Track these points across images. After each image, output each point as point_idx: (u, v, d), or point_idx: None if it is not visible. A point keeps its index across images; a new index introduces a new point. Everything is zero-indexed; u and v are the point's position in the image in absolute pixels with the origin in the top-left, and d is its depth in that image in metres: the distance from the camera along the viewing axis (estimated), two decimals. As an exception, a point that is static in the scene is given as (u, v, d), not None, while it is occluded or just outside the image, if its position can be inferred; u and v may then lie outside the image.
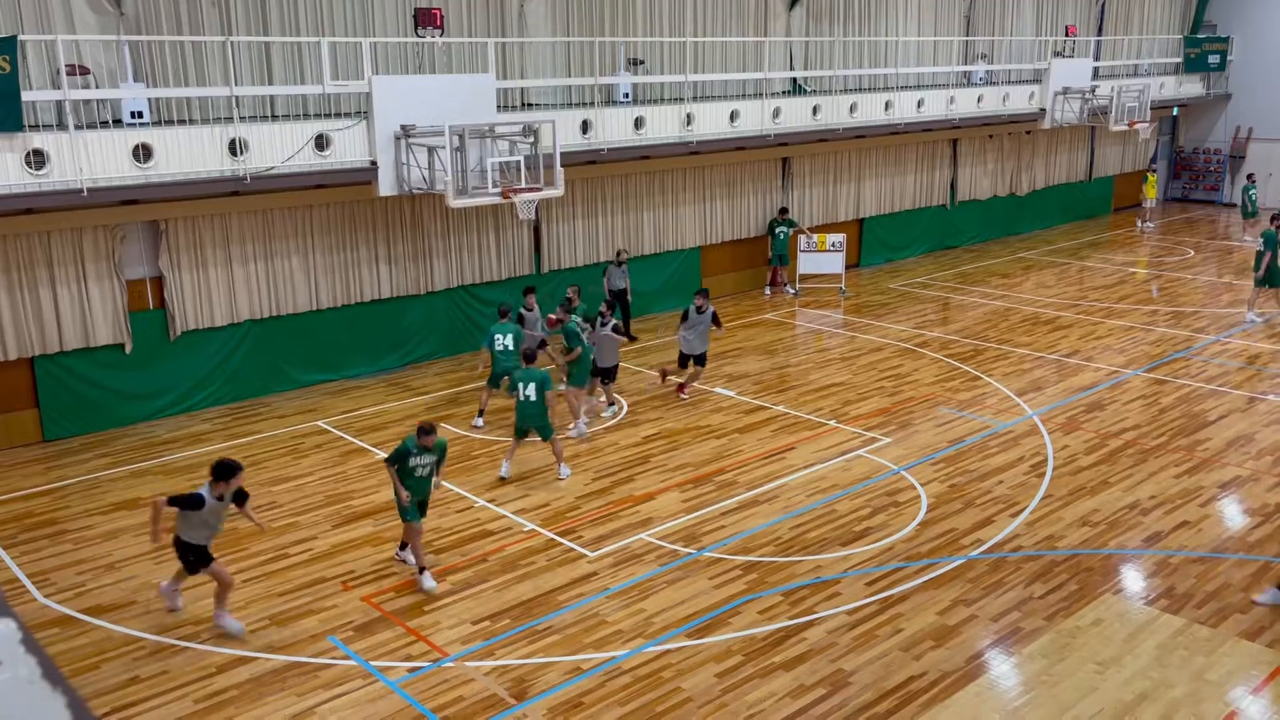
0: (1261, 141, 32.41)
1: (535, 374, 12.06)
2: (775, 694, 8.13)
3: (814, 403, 15.04)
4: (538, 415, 12.08)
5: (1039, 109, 26.12)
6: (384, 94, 14.41)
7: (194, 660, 8.73)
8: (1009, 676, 8.35)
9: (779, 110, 20.14)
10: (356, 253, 16.35)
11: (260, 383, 15.75)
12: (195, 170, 13.22)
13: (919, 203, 25.87)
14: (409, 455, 9.66)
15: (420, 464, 9.75)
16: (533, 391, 11.97)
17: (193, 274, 14.80)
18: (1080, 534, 10.77)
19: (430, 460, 9.82)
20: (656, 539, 10.81)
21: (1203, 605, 9.32)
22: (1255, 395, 15.03)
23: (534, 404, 12.01)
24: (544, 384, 12.01)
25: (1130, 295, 21.56)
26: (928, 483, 12.12)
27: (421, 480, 9.87)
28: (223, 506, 9.02)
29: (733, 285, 22.23)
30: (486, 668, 8.55)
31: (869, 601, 9.49)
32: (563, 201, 18.29)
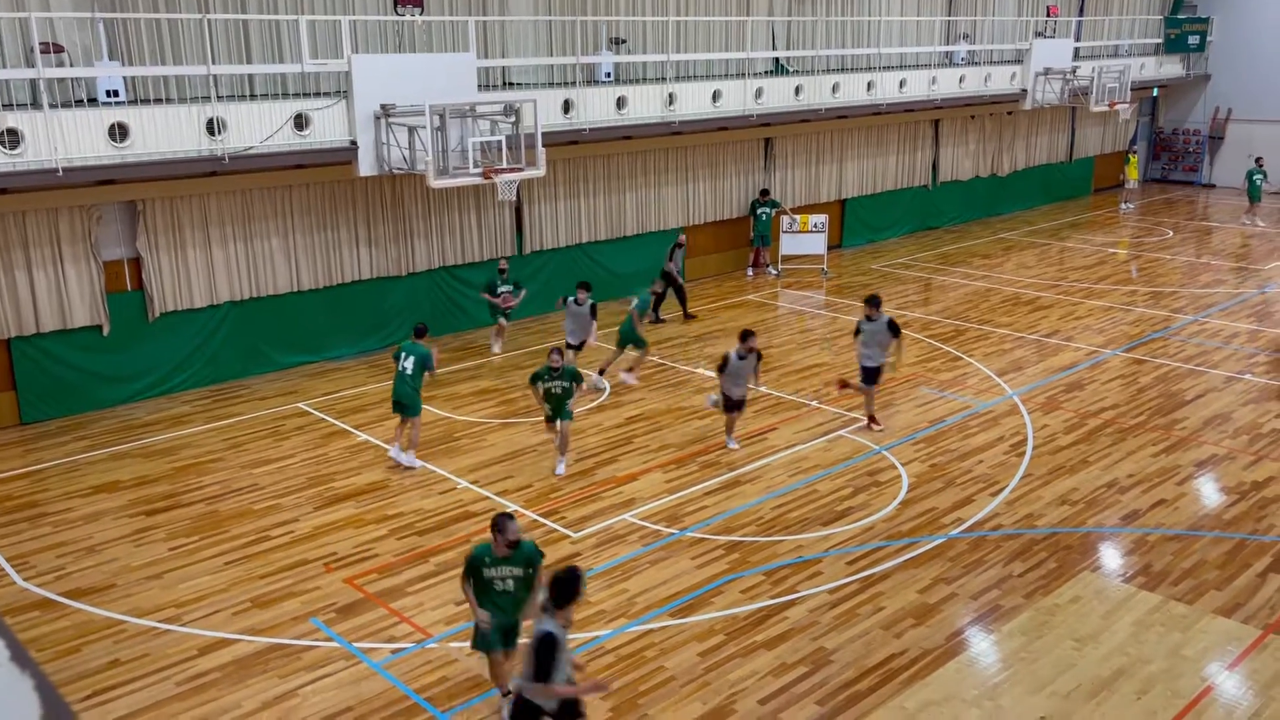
0: (1240, 122, 32.58)
1: (418, 349, 12.13)
2: (757, 672, 8.18)
3: (796, 384, 15.08)
4: (410, 392, 12.09)
5: (1020, 89, 26.15)
6: (364, 73, 14.28)
7: (175, 643, 8.71)
8: (988, 653, 8.44)
9: (761, 90, 20.09)
10: (337, 233, 16.24)
11: (240, 365, 15.65)
12: (172, 150, 13.08)
13: (901, 183, 25.90)
14: (481, 566, 7.35)
15: (499, 576, 7.34)
16: (410, 365, 12.05)
17: (171, 255, 14.66)
18: (1059, 512, 10.86)
19: (513, 572, 7.35)
20: (639, 520, 10.83)
21: (1179, 582, 9.44)
22: (1232, 375, 15.17)
23: (408, 379, 12.05)
24: (424, 361, 12.09)
25: (1110, 276, 21.69)
26: (909, 462, 12.19)
27: (506, 597, 7.35)
28: None
29: (715, 266, 22.22)
30: (470, 648, 8.56)
31: (850, 580, 9.56)
32: (544, 182, 18.20)
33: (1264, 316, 18.29)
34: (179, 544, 10.48)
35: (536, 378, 11.79)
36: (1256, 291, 20.07)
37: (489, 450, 12.78)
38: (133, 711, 7.83)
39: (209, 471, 12.30)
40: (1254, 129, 32.24)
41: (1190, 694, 7.83)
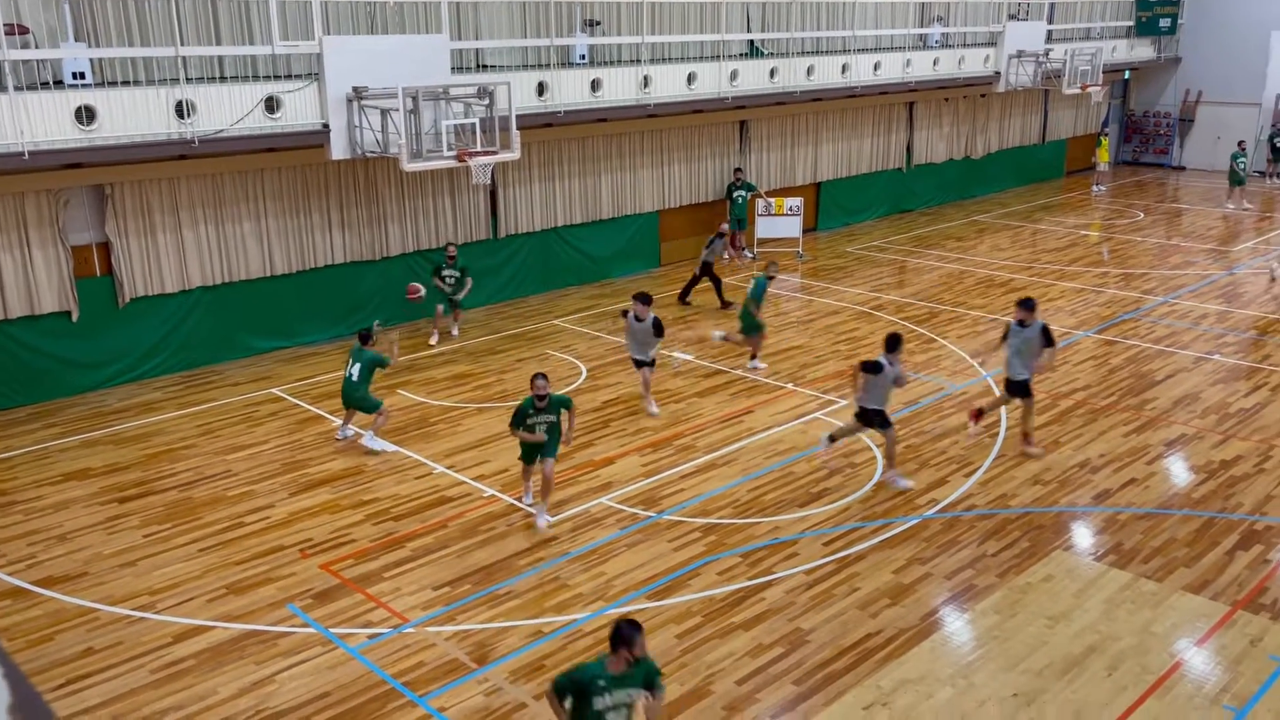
0: (1209, 105, 32.87)
1: (364, 355, 12.12)
2: (734, 653, 8.23)
3: (772, 366, 15.12)
4: (357, 397, 12.14)
5: (994, 72, 26.25)
6: (335, 55, 14.12)
7: (150, 630, 8.66)
8: (962, 632, 8.53)
9: (736, 73, 20.05)
10: (310, 218, 16.09)
11: (213, 350, 15.51)
12: (141, 133, 12.90)
13: (875, 166, 25.96)
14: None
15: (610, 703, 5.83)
16: (355, 371, 12.06)
17: (141, 240, 14.48)
18: (1032, 492, 10.98)
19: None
20: (616, 503, 10.85)
21: (1149, 560, 9.57)
22: (1201, 355, 15.35)
23: (354, 384, 12.07)
24: (371, 366, 12.03)
25: (1082, 258, 21.86)
26: (883, 444, 12.25)
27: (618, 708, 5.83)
28: None
29: (691, 250, 22.19)
30: (447, 633, 8.57)
31: (826, 561, 9.62)
32: (519, 165, 18.11)
33: (1232, 298, 18.51)
34: (152, 531, 10.40)
35: (520, 417, 9.93)
36: (1225, 273, 20.31)
37: (465, 435, 12.75)
38: (107, 700, 7.78)
39: (182, 458, 12.20)
40: (1223, 111, 32.55)
41: (1160, 670, 7.95)
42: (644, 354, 13.20)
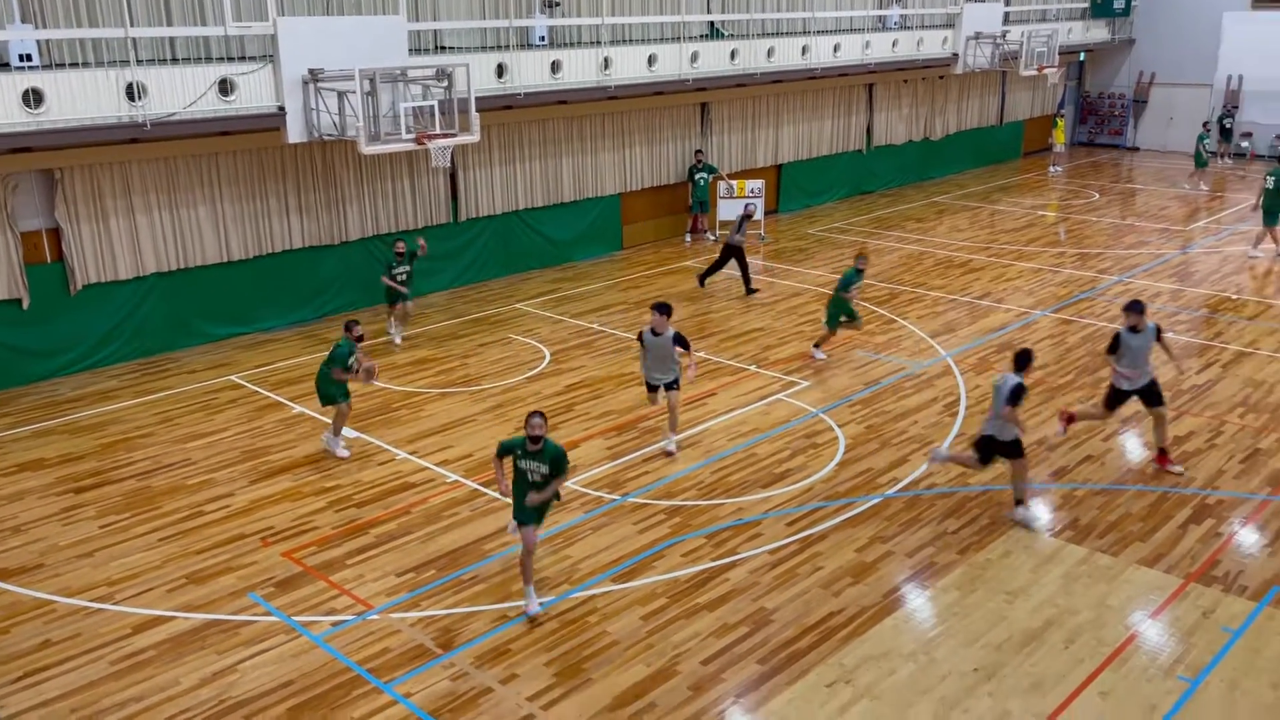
0: (1162, 86, 33.33)
1: (335, 349, 11.39)
2: (700, 634, 8.29)
3: (735, 348, 15.18)
4: (318, 382, 11.64)
5: (952, 54, 26.42)
6: (290, 36, 13.90)
7: (108, 622, 8.54)
8: (924, 609, 8.64)
9: (697, 54, 20.01)
10: (266, 202, 15.87)
11: (169, 337, 15.27)
12: (90, 116, 12.63)
13: (836, 148, 26.07)
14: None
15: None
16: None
17: (92, 225, 14.20)
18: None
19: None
20: (581, 486, 10.85)
21: (1104, 535, 9.74)
22: (1155, 333, 15.60)
23: (322, 373, 11.55)
24: (332, 360, 11.38)
25: (1039, 238, 22.12)
26: (845, 424, 12.37)
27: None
28: None
29: (653, 232, 22.20)
30: (412, 619, 8.55)
31: (789, 541, 9.70)
32: (479, 148, 17.96)
33: (1185, 277, 18.82)
34: (109, 521, 10.25)
35: (508, 449, 8.50)
36: (1178, 252, 20.65)
37: (427, 420, 12.67)
38: (66, 692, 7.68)
39: (139, 447, 12.02)
40: (1174, 93, 33.02)
41: (1115, 642, 8.12)
42: (665, 373, 11.49)
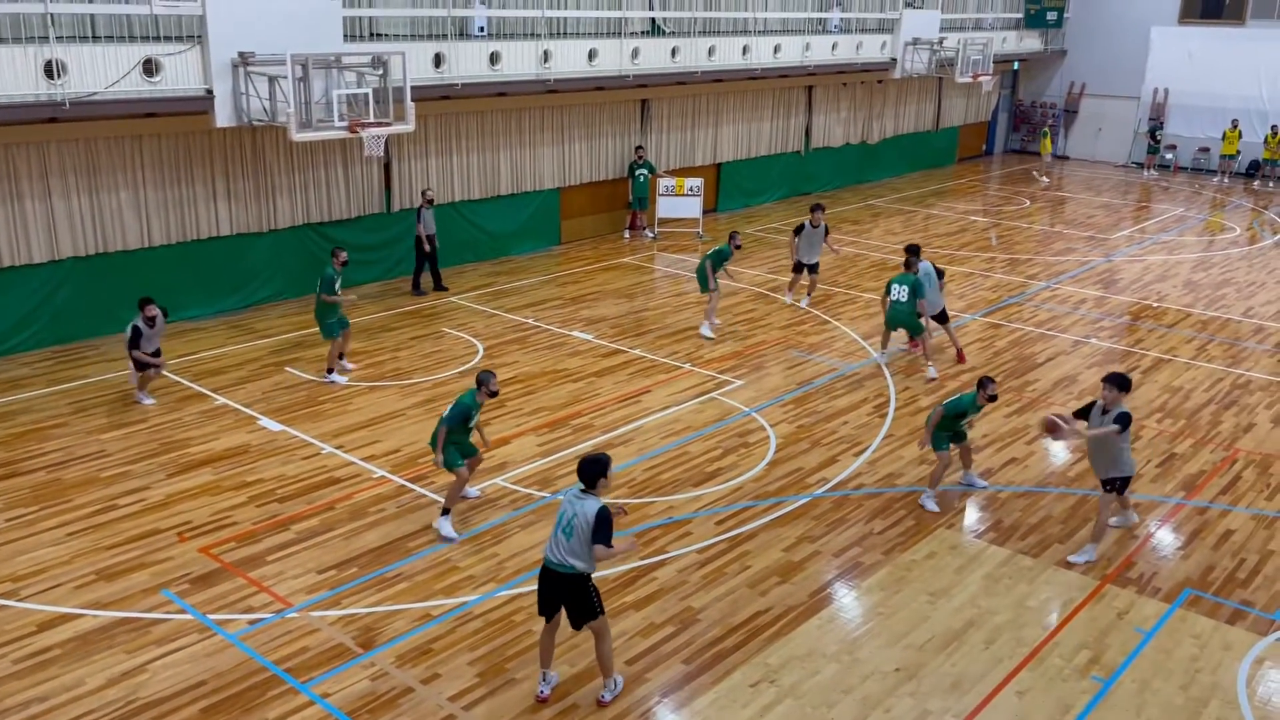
0: (1092, 97, 34.13)
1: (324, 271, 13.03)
2: (626, 633, 8.24)
3: (670, 346, 15.16)
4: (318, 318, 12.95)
5: (890, 59, 26.74)
6: (219, 17, 13.53)
7: (12, 619, 8.22)
8: (849, 609, 8.70)
9: (638, 50, 19.95)
10: (193, 188, 15.43)
11: (87, 324, 14.77)
12: (6, 94, 12.14)
13: (775, 149, 26.22)
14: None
15: None
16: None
17: (6, 207, 13.67)
18: (919, 472, 11.25)
19: None
20: (511, 484, 10.74)
21: (1026, 537, 9.91)
22: (1079, 339, 15.96)
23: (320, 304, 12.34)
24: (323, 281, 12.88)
25: (971, 243, 22.49)
26: (777, 424, 12.43)
27: None
28: None
29: (591, 228, 22.10)
30: (332, 617, 8.37)
31: (718, 540, 9.70)
32: (414, 138, 17.70)
33: (1110, 283, 19.29)
34: (16, 514, 9.86)
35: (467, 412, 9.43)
36: (1104, 259, 21.15)
37: (354, 414, 12.44)
38: (-36, 693, 7.37)
39: (51, 437, 11.61)
40: (1103, 104, 33.84)
41: (1034, 642, 8.25)
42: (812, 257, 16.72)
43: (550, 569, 7.11)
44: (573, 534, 6.98)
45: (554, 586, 7.12)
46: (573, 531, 6.98)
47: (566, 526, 7.01)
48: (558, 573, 7.06)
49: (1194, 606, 8.78)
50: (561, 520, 7.06)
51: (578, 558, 7.00)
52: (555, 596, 7.15)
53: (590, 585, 7.15)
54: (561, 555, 7.04)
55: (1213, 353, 15.41)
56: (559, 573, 7.06)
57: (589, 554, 6.97)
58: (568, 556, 7.02)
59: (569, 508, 7.05)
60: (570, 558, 7.02)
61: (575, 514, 6.99)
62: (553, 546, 7.08)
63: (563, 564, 7.04)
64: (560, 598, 7.14)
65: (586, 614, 7.14)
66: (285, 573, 8.98)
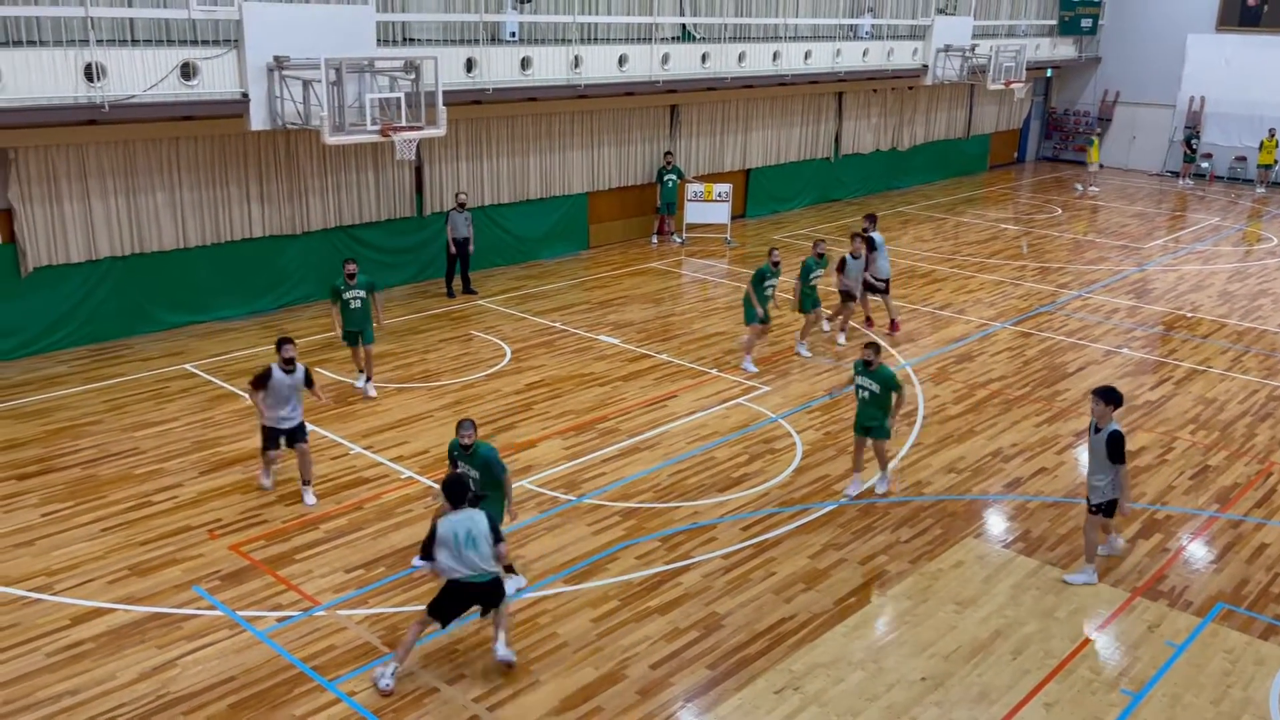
0: (1126, 105, 33.81)
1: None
2: (650, 637, 8.24)
3: (697, 351, 15.16)
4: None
5: (921, 65, 26.62)
6: (256, 22, 13.71)
7: (47, 612, 8.35)
8: (875, 617, 8.65)
9: (668, 56, 19.99)
10: (227, 190, 15.63)
11: (123, 323, 14.99)
12: (47, 96, 12.36)
13: (804, 155, 26.16)
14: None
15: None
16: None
17: (46, 207, 13.91)
18: (946, 480, 11.19)
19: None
20: (537, 486, 10.78)
21: (1055, 548, 9.82)
22: (1111, 349, 15.81)
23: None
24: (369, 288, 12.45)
25: (1002, 250, 22.33)
26: (803, 430, 12.39)
27: None
28: None
29: (620, 233, 22.14)
30: (359, 616, 8.43)
31: (744, 546, 9.69)
32: (445, 142, 17.82)
33: (1143, 293, 19.09)
34: (52, 510, 10.02)
35: (449, 452, 8.80)
36: (1137, 269, 20.94)
37: (383, 415, 12.53)
38: (1, 683, 7.48)
39: (86, 434, 11.78)
40: (1137, 112, 33.50)
41: (1062, 654, 8.18)
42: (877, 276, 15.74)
43: (470, 584, 7.48)
44: (475, 545, 7.42)
45: (473, 596, 7.58)
46: (474, 543, 7.41)
47: (468, 541, 7.41)
48: (478, 584, 7.50)
49: (1227, 621, 8.67)
50: (459, 540, 7.39)
51: (488, 561, 7.49)
52: (471, 603, 7.62)
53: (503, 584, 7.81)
54: (480, 566, 7.45)
55: (1248, 364, 15.21)
56: (479, 583, 7.50)
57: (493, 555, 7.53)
58: (484, 565, 7.47)
59: (459, 526, 7.41)
60: (486, 564, 7.49)
61: (469, 528, 7.42)
62: (463, 564, 7.41)
63: (484, 574, 7.49)
64: (476, 601, 7.63)
65: (499, 598, 7.72)
66: (313, 571, 9.06)
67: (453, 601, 7.56)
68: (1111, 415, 8.80)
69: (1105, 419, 8.82)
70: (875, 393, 10.37)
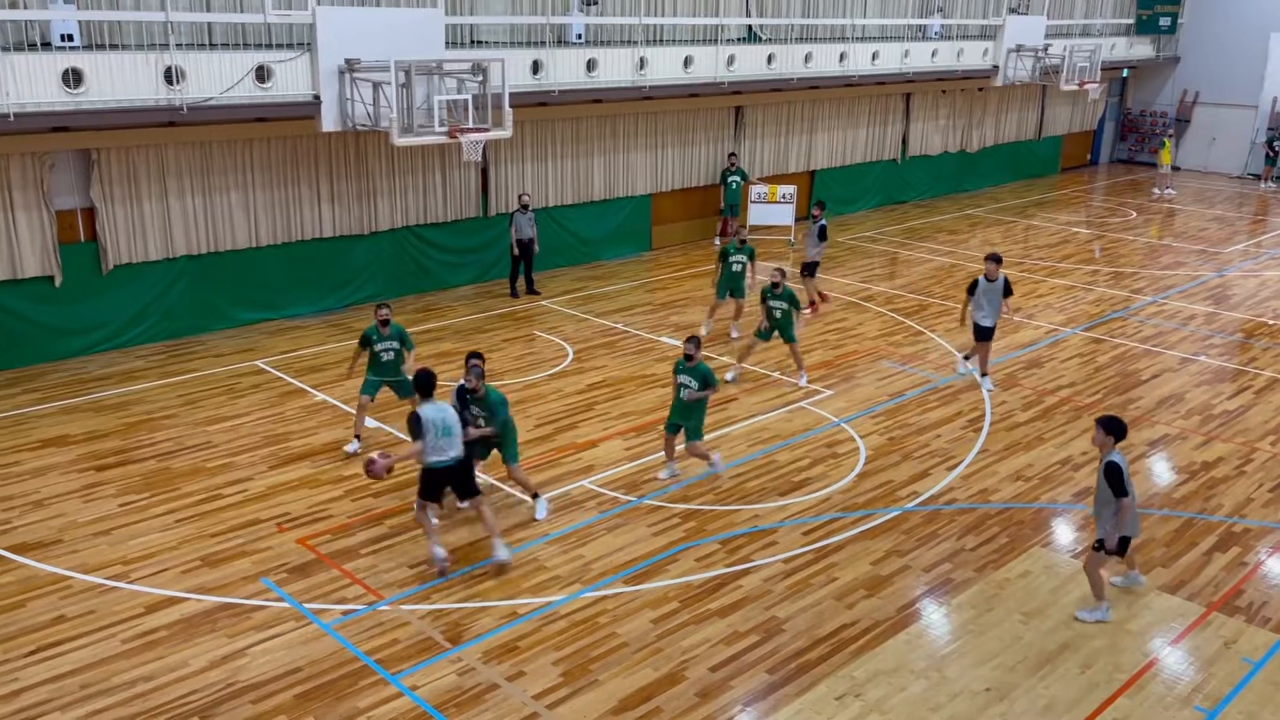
0: (1206, 106, 32.85)
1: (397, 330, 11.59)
2: (709, 640, 8.22)
3: (758, 355, 15.07)
4: None
5: (992, 66, 26.16)
6: (328, 26, 13.97)
7: (122, 600, 8.60)
8: (938, 625, 8.52)
9: (733, 58, 19.93)
10: (298, 189, 15.96)
11: (197, 320, 15.39)
12: (128, 98, 12.74)
13: (870, 156, 25.88)
14: None
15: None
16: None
17: (126, 206, 14.34)
18: (1013, 488, 10.98)
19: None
20: (597, 486, 10.82)
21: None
22: (1187, 356, 15.37)
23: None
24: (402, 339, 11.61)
25: (1073, 254, 21.85)
26: (867, 435, 12.26)
27: None
28: None
29: (682, 234, 22.13)
30: (422, 611, 8.54)
31: (805, 551, 9.61)
32: (511, 143, 17.97)
33: (1221, 300, 18.53)
34: (129, 500, 10.32)
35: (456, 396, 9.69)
36: (1215, 274, 20.33)
37: (448, 413, 12.66)
38: (78, 667, 7.73)
39: (161, 428, 12.11)
40: (1218, 113, 32.54)
41: (1132, 669, 7.97)
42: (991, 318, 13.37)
43: (446, 466, 8.84)
44: (452, 431, 8.82)
45: (445, 477, 8.95)
46: (451, 430, 8.81)
47: (446, 430, 8.78)
48: (452, 466, 8.86)
49: (1307, 639, 8.38)
50: (439, 428, 8.72)
51: (458, 449, 8.86)
52: (446, 484, 9.03)
53: (472, 466, 9.21)
54: (453, 452, 8.82)
55: (1332, 374, 14.69)
56: (452, 466, 8.85)
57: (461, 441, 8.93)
58: (453, 451, 8.82)
59: (438, 416, 8.75)
60: (456, 451, 8.85)
61: (445, 418, 8.78)
62: (442, 450, 8.73)
63: (455, 458, 8.84)
64: (450, 482, 9.05)
65: (472, 490, 9.18)
66: (377, 566, 9.20)
67: (439, 482, 8.94)
68: (1113, 445, 8.30)
69: (1106, 448, 8.30)
70: (694, 388, 10.51)
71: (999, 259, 13.42)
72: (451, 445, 8.81)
